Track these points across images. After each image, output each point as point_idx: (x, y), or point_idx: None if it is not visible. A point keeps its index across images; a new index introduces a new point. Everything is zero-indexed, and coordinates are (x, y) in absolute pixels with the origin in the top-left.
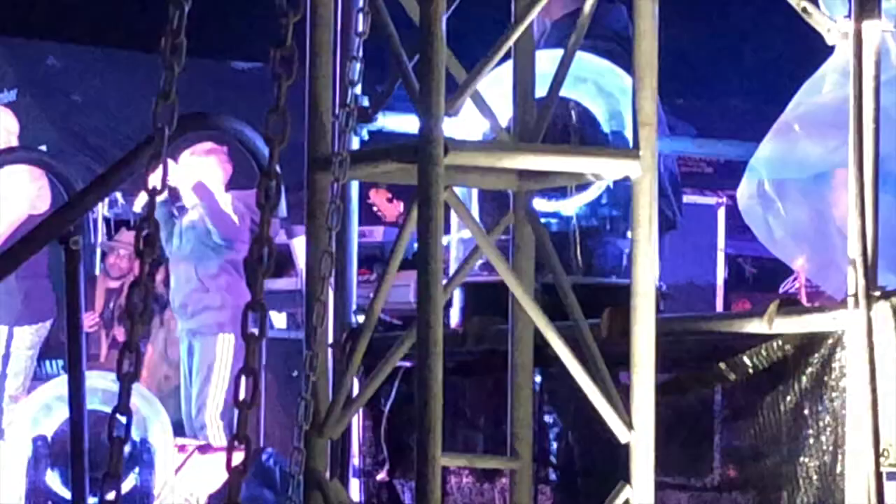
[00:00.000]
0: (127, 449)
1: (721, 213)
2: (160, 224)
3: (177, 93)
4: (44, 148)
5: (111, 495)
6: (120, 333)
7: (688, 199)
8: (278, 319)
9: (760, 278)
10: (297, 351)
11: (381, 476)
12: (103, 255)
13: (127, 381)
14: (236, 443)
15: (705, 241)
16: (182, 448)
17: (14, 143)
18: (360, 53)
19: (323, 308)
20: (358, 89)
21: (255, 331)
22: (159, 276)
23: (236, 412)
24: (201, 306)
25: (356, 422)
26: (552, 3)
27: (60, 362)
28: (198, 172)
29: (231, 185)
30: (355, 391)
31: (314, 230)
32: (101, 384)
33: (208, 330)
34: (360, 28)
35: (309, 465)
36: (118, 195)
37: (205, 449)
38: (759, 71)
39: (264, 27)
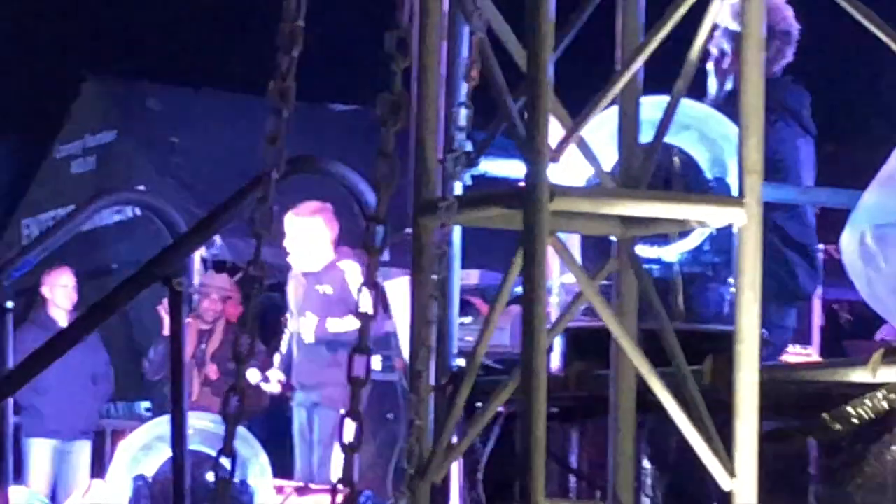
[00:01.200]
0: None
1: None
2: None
3: (285, 137)
4: (142, 188)
5: None
6: (212, 372)
7: None
8: (372, 362)
9: (856, 324)
10: (391, 393)
11: None
12: (193, 297)
13: (232, 422)
14: (340, 486)
15: None
16: (280, 489)
17: None
18: (469, 100)
19: (428, 353)
20: (464, 134)
21: (361, 375)
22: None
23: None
24: (324, 379)
25: (454, 467)
26: None
27: (146, 404)
28: (305, 234)
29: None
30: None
31: (420, 275)
32: (198, 424)
33: (331, 404)
34: (470, 74)
35: None
36: (217, 237)
37: (303, 491)
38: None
39: (362, 69)
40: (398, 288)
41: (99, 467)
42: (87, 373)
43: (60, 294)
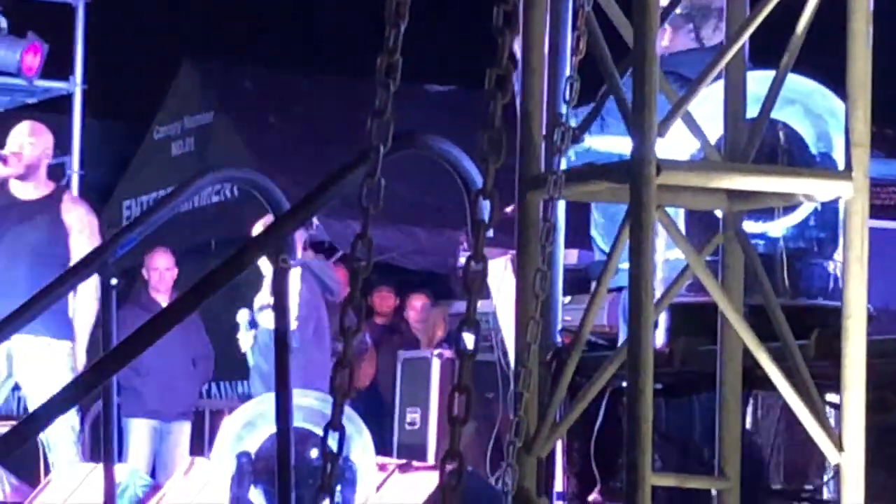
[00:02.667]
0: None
1: None
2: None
3: (391, 112)
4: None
5: None
6: None
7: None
8: (470, 341)
9: None
10: (489, 373)
11: (594, 497)
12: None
13: (340, 396)
14: (449, 459)
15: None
16: (382, 467)
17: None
18: (575, 73)
19: (536, 326)
20: (570, 109)
21: (470, 349)
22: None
23: (450, 429)
24: None
25: (559, 444)
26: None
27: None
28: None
29: None
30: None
31: (526, 249)
32: (302, 402)
33: None
34: (576, 47)
35: (519, 482)
36: (314, 217)
37: (405, 468)
38: None
39: (458, 50)
40: (498, 267)
41: (198, 447)
42: (188, 355)
43: (159, 275)
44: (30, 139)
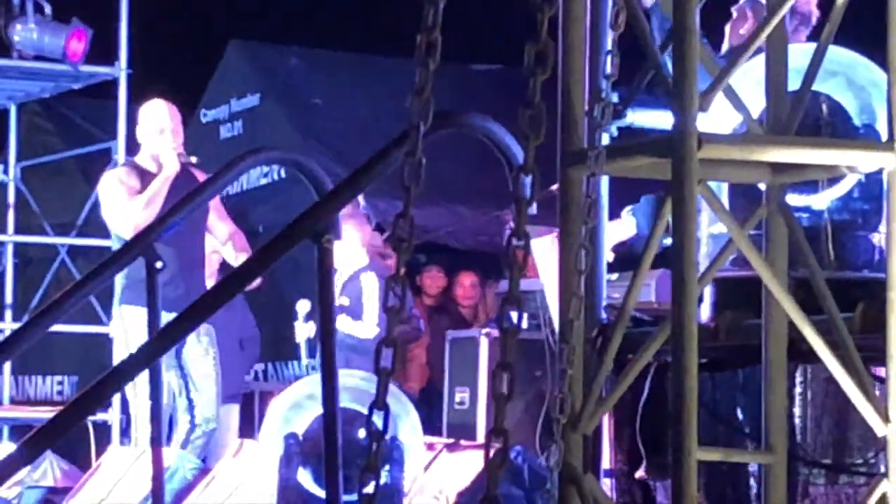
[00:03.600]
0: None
1: None
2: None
3: (432, 90)
4: None
5: (370, 488)
6: None
7: None
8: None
9: None
10: (536, 351)
11: (640, 473)
12: None
13: (384, 376)
14: (494, 437)
15: None
16: (430, 446)
17: (168, 139)
18: (615, 48)
19: (579, 303)
20: (610, 84)
21: (513, 325)
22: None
23: (494, 406)
24: None
25: (605, 420)
26: None
27: (296, 363)
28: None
29: None
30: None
31: (568, 225)
32: (349, 382)
33: None
34: (616, 21)
35: (565, 459)
36: (360, 196)
37: (453, 447)
38: None
39: (503, 29)
40: (544, 245)
41: (248, 429)
42: (235, 337)
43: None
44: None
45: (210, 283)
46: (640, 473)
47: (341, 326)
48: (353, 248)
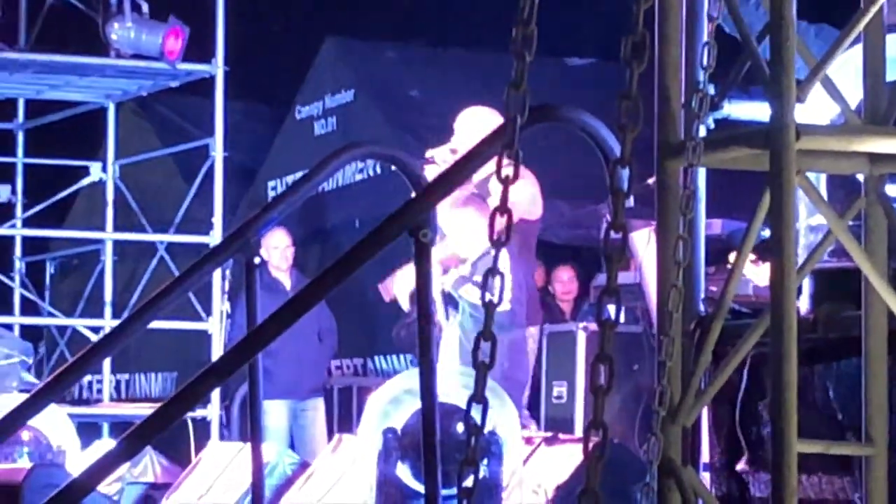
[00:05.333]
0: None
1: None
2: None
3: (528, 83)
4: None
5: (469, 482)
6: None
7: None
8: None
9: None
10: (635, 344)
11: (741, 466)
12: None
13: (483, 369)
14: (593, 430)
15: None
16: (529, 440)
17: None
18: (712, 38)
19: (678, 294)
20: (707, 75)
21: (611, 318)
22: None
23: (593, 399)
24: None
25: (704, 413)
26: None
27: (396, 358)
28: (459, 224)
29: None
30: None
31: (666, 217)
32: (449, 376)
33: None
34: (713, 13)
35: (664, 451)
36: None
37: (551, 441)
38: None
39: (598, 23)
40: (641, 239)
41: (346, 424)
42: (313, 330)
43: (277, 255)
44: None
45: (282, 276)
46: (741, 466)
47: (476, 300)
48: (479, 229)
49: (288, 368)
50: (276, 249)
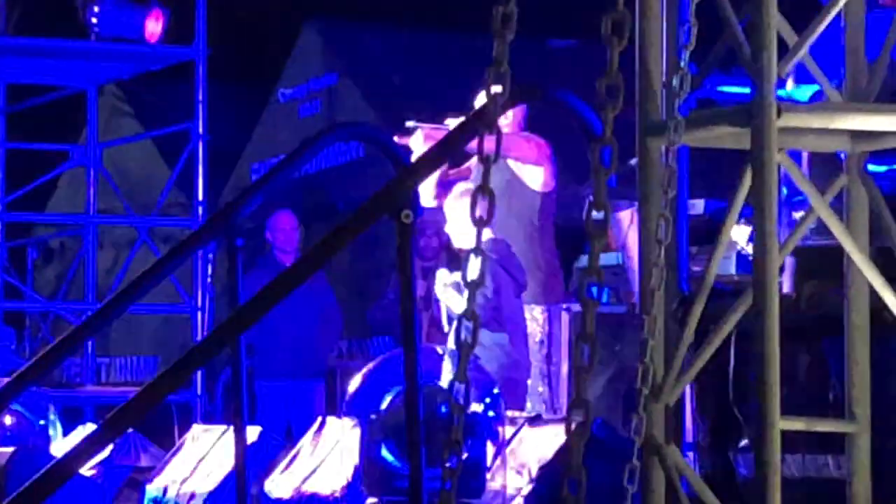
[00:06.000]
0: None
1: None
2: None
3: (509, 63)
4: None
5: (452, 463)
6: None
7: None
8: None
9: None
10: (618, 326)
11: (745, 444)
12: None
13: (465, 349)
14: (575, 409)
15: None
16: (512, 420)
17: None
18: (693, 17)
19: (660, 273)
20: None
21: (593, 298)
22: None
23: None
24: None
25: (687, 392)
26: None
27: (379, 340)
28: (458, 216)
29: None
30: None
31: (647, 195)
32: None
33: None
34: None
35: (647, 430)
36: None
37: (534, 421)
38: None
39: (581, 3)
40: (627, 219)
41: (330, 406)
42: (315, 314)
43: (283, 237)
44: None
45: (288, 259)
46: (743, 444)
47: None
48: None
49: (288, 349)
50: (283, 231)
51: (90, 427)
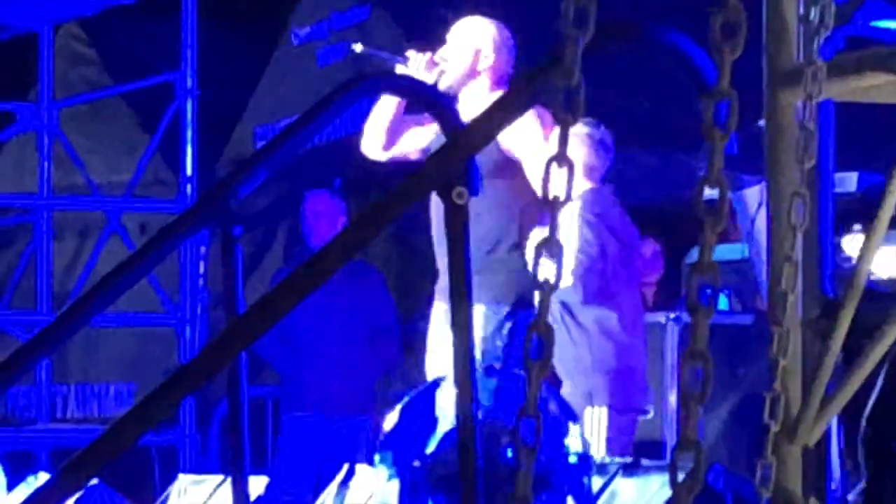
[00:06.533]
0: None
1: None
2: None
3: None
4: None
5: None
6: None
7: None
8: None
9: None
10: (741, 341)
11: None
12: None
13: (535, 371)
14: (684, 451)
15: None
16: (602, 468)
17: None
18: None
19: (794, 269)
20: None
21: (706, 304)
22: None
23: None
24: None
25: (833, 429)
26: None
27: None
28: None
29: None
30: None
31: (777, 165)
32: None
33: None
34: None
35: (778, 480)
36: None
37: (631, 468)
38: None
39: None
40: (755, 198)
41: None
42: (363, 328)
43: (326, 226)
44: None
45: None
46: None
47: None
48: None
49: (322, 376)
50: (323, 217)
51: (43, 478)
